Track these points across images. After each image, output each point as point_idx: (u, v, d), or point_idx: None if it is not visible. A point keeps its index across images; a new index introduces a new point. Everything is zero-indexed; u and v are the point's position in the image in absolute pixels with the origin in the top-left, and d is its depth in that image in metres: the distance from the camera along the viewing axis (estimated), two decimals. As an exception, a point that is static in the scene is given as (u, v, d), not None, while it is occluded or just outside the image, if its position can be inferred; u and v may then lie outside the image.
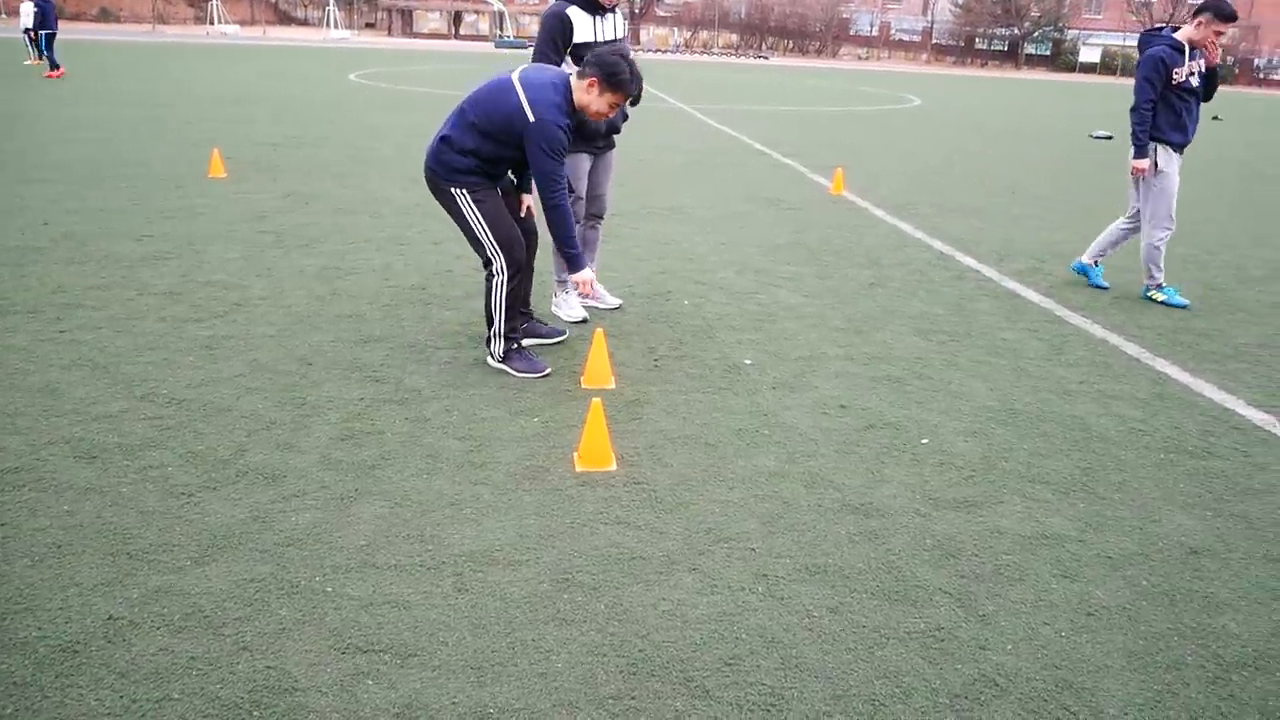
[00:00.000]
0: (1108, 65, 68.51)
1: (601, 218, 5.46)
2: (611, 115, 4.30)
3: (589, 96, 4.16)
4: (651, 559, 3.00)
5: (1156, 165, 6.22)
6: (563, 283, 5.37)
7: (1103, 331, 5.71)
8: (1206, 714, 2.48)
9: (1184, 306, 6.35)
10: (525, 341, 4.65)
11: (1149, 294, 6.50)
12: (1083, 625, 2.81)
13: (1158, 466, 3.90)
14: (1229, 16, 6.01)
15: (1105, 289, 6.74)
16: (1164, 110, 6.18)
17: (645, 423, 4.02)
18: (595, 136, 5.06)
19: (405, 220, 7.66)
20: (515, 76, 4.20)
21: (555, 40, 4.82)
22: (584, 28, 4.84)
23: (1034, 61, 73.76)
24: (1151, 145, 6.20)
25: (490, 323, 4.47)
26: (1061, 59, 71.95)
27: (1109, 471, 3.83)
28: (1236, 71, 68.68)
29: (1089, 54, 69.34)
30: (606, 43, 4.86)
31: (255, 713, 2.24)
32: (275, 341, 4.70)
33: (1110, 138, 18.86)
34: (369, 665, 2.43)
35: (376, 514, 3.16)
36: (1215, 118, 27.89)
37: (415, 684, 2.37)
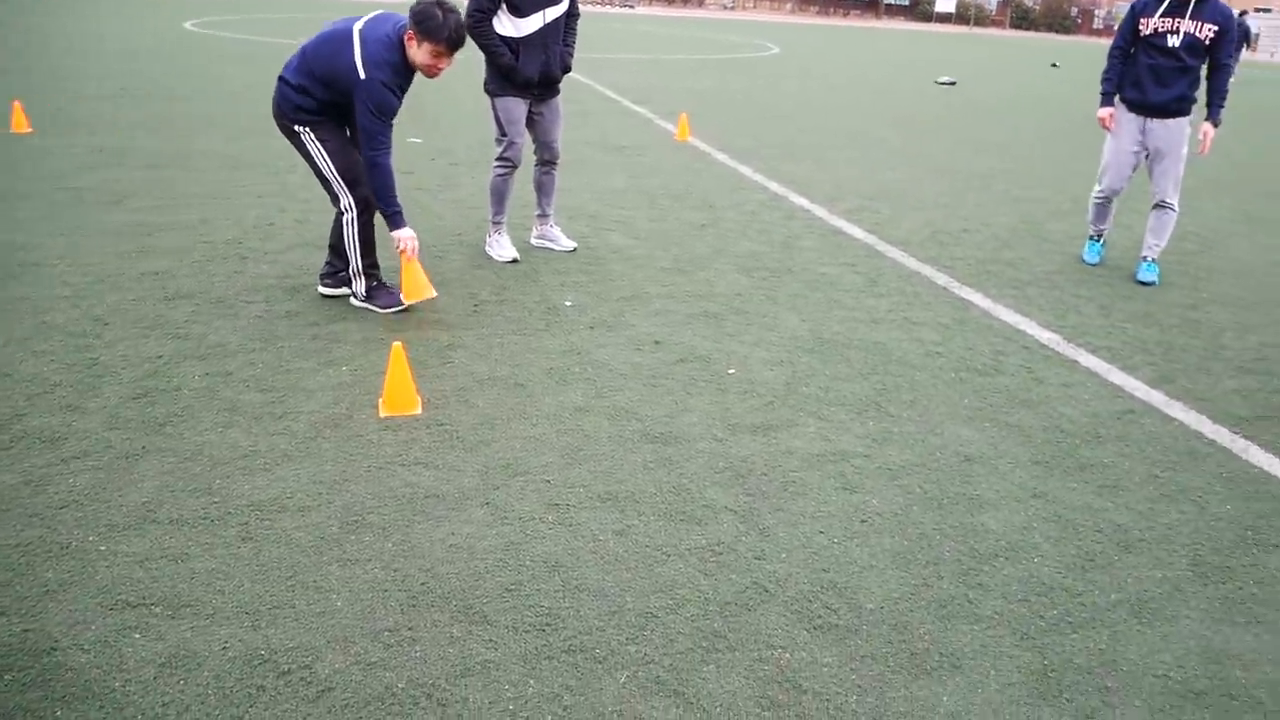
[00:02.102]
0: (962, 15, 70.74)
1: (555, 163, 5.56)
2: (441, 67, 4.20)
3: (412, 50, 4.11)
4: (445, 496, 3.04)
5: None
6: (497, 224, 5.51)
7: (917, 264, 5.98)
8: (956, 601, 2.68)
9: (1092, 264, 6.15)
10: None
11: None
12: (855, 531, 2.98)
13: (947, 385, 4.14)
14: None
15: (1147, 284, 5.86)
16: (1130, 64, 5.66)
17: (457, 366, 4.03)
18: (529, 83, 5.13)
19: (226, 175, 7.37)
20: (357, 29, 4.13)
21: None
22: None
23: (893, 11, 75.55)
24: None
25: (347, 262, 4.53)
26: (919, 9, 73.85)
27: (902, 391, 4.04)
28: (1079, 21, 71.88)
29: (945, 4, 71.33)
30: None
31: (6, 677, 2.18)
32: (70, 302, 4.49)
33: (954, 83, 19.53)
34: (137, 620, 2.39)
35: (163, 470, 3.08)
36: (1053, 65, 29.19)
37: (185, 633, 2.35)
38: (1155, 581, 2.84)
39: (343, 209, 4.41)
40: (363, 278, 4.52)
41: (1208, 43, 5.40)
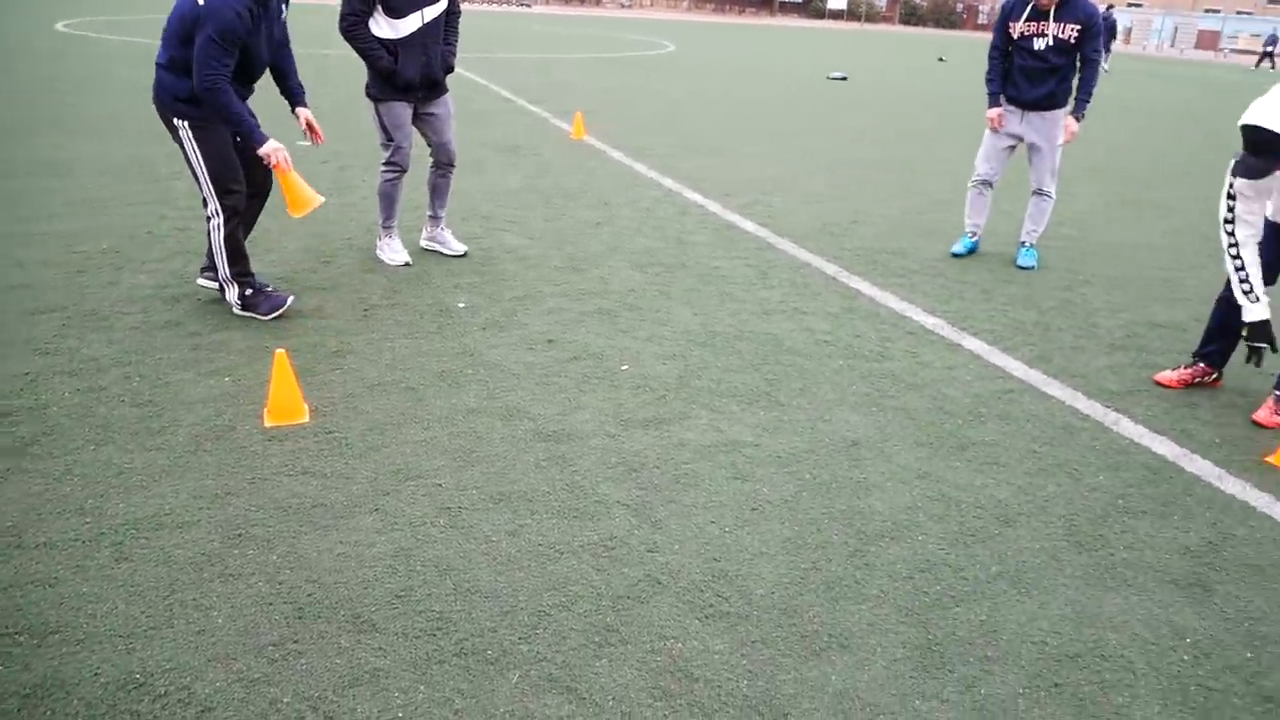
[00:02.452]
0: (854, 12, 72.36)
1: (452, 165, 5.45)
2: None
3: None
4: (333, 505, 2.97)
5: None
6: (388, 228, 5.42)
7: (808, 256, 6.09)
8: (844, 583, 2.74)
9: (955, 254, 6.24)
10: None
11: None
12: (746, 520, 3.02)
13: (836, 372, 4.23)
14: None
15: (1027, 268, 6.10)
16: (1008, 62, 5.81)
17: (346, 372, 3.95)
18: (411, 85, 5.02)
19: (102, 181, 7.07)
20: None
21: None
22: None
23: (787, 8, 76.86)
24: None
25: (216, 269, 4.41)
26: (812, 6, 75.29)
27: (792, 380, 4.12)
28: (964, 16, 74.25)
29: (837, 1, 72.86)
30: None
31: None
32: (-72, 321, 4.26)
33: (845, 78, 19.96)
34: (0, 649, 2.28)
35: (30, 493, 2.94)
36: (940, 59, 30.07)
37: (52, 662, 2.25)
38: (1033, 552, 2.95)
39: (209, 213, 4.28)
40: (235, 285, 4.39)
41: (1073, 41, 5.61)
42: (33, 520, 2.80)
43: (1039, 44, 5.65)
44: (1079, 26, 5.58)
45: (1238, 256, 3.80)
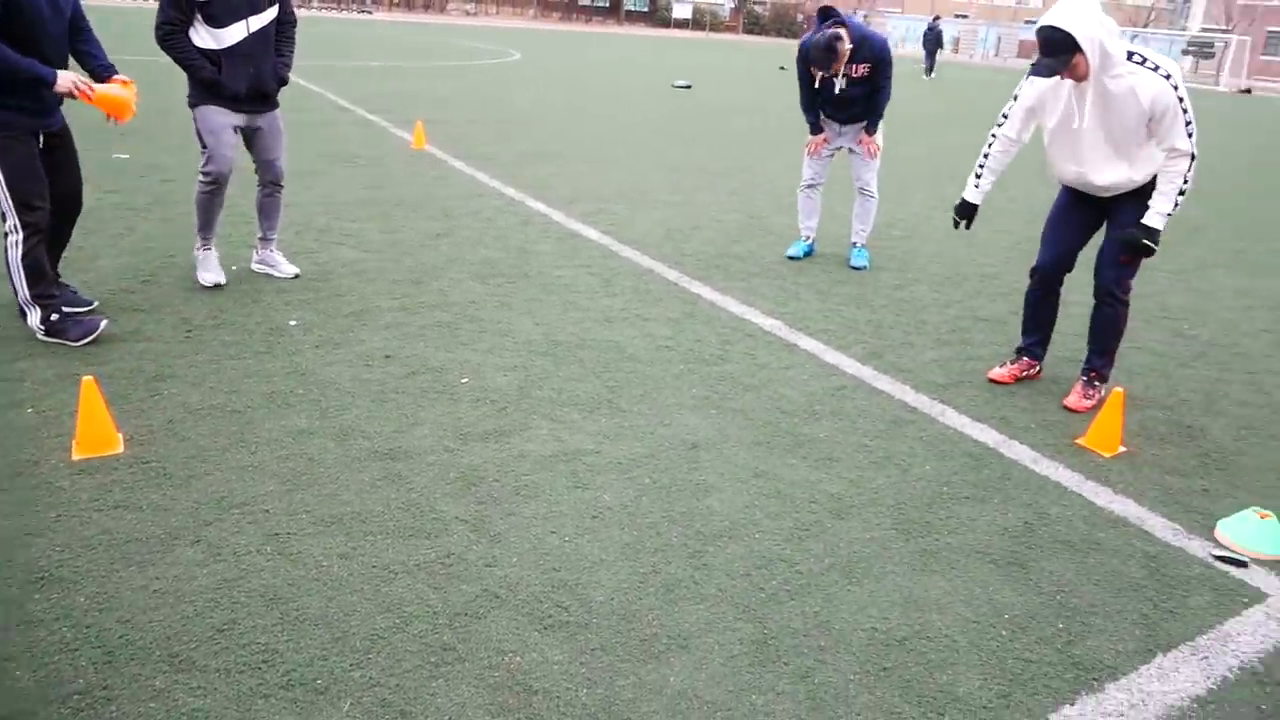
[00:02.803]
0: (698, 21, 73.93)
1: (279, 185, 5.19)
2: None
3: None
4: (150, 539, 2.81)
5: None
6: (204, 242, 5.10)
7: (650, 262, 6.16)
8: (683, 584, 2.77)
9: (792, 257, 6.46)
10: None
11: None
12: (587, 528, 3.02)
13: (676, 377, 4.28)
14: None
15: (859, 268, 6.39)
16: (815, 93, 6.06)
17: (166, 398, 3.74)
18: (237, 97, 4.74)
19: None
20: None
21: None
22: None
23: (634, 17, 77.76)
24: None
25: (15, 291, 4.10)
26: (658, 15, 76.47)
27: (633, 386, 4.15)
28: (805, 26, 76.64)
29: (681, 11, 74.23)
30: None
31: None
32: None
33: (689, 87, 20.34)
34: None
35: None
36: (781, 68, 30.97)
37: None
38: (864, 543, 3.06)
39: (6, 229, 4.00)
40: (37, 308, 4.10)
41: (867, 74, 5.91)
42: None
43: (838, 86, 5.95)
44: (869, 64, 5.87)
45: (986, 155, 4.27)
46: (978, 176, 4.31)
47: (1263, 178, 12.44)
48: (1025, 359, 4.53)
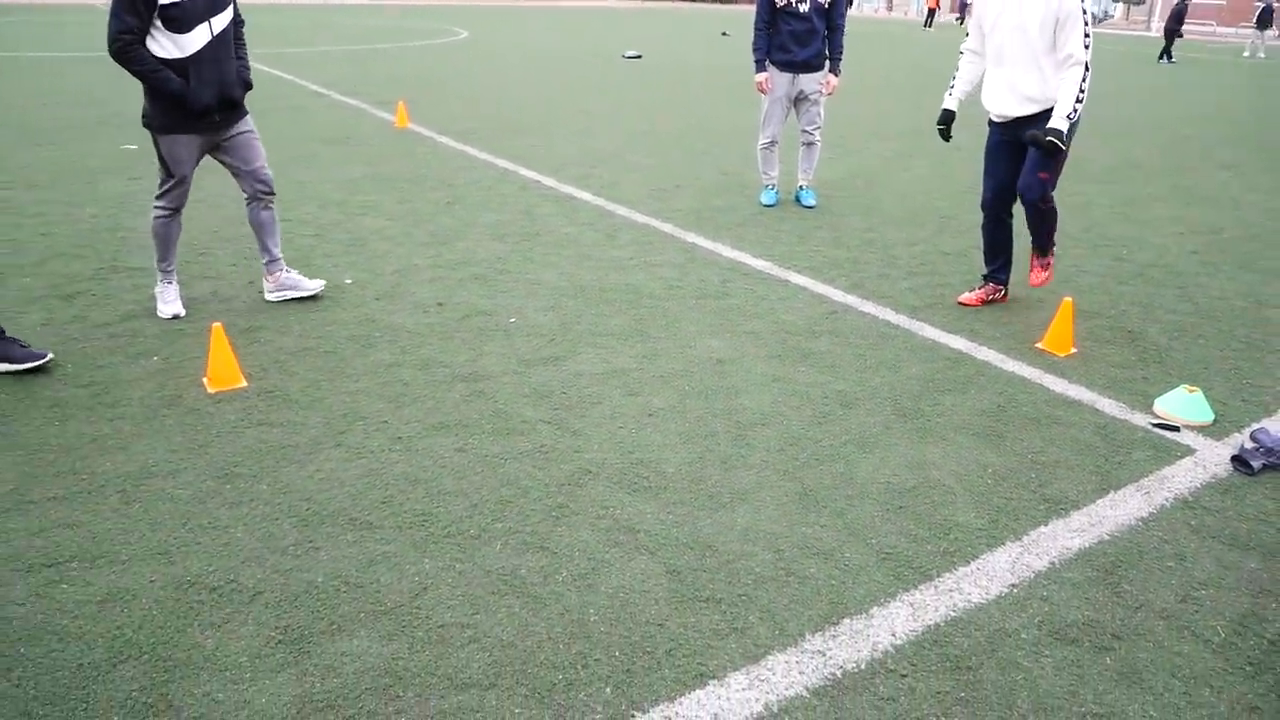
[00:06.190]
0: (638, -10, 74.03)
1: (271, 193, 4.78)
2: None
3: None
4: (299, 446, 3.44)
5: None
6: (165, 273, 4.72)
7: (644, 218, 6.82)
8: (734, 459, 3.46)
9: (768, 205, 7.30)
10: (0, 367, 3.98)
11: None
12: (647, 423, 3.71)
13: (691, 310, 4.97)
14: None
15: (810, 207, 7.30)
16: (775, 33, 6.79)
17: (264, 344, 4.35)
18: (208, 111, 4.39)
19: None
20: None
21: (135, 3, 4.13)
22: None
23: (569, -11, 77.60)
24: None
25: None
26: (594, -14, 76.42)
27: (657, 319, 4.82)
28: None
29: (617, -19, 74.20)
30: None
31: (-47, 631, 2.42)
32: None
33: (639, 57, 20.88)
34: (59, 575, 2.66)
35: (13, 462, 3.26)
36: (724, 33, 31.55)
37: (110, 577, 2.66)
38: (871, 425, 3.78)
39: None
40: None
41: (827, 6, 6.80)
42: (30, 483, 3.13)
43: (802, 7, 6.71)
44: None
45: (957, 69, 5.06)
46: (952, 87, 5.08)
47: (1193, 118, 13.39)
48: (991, 284, 5.27)
